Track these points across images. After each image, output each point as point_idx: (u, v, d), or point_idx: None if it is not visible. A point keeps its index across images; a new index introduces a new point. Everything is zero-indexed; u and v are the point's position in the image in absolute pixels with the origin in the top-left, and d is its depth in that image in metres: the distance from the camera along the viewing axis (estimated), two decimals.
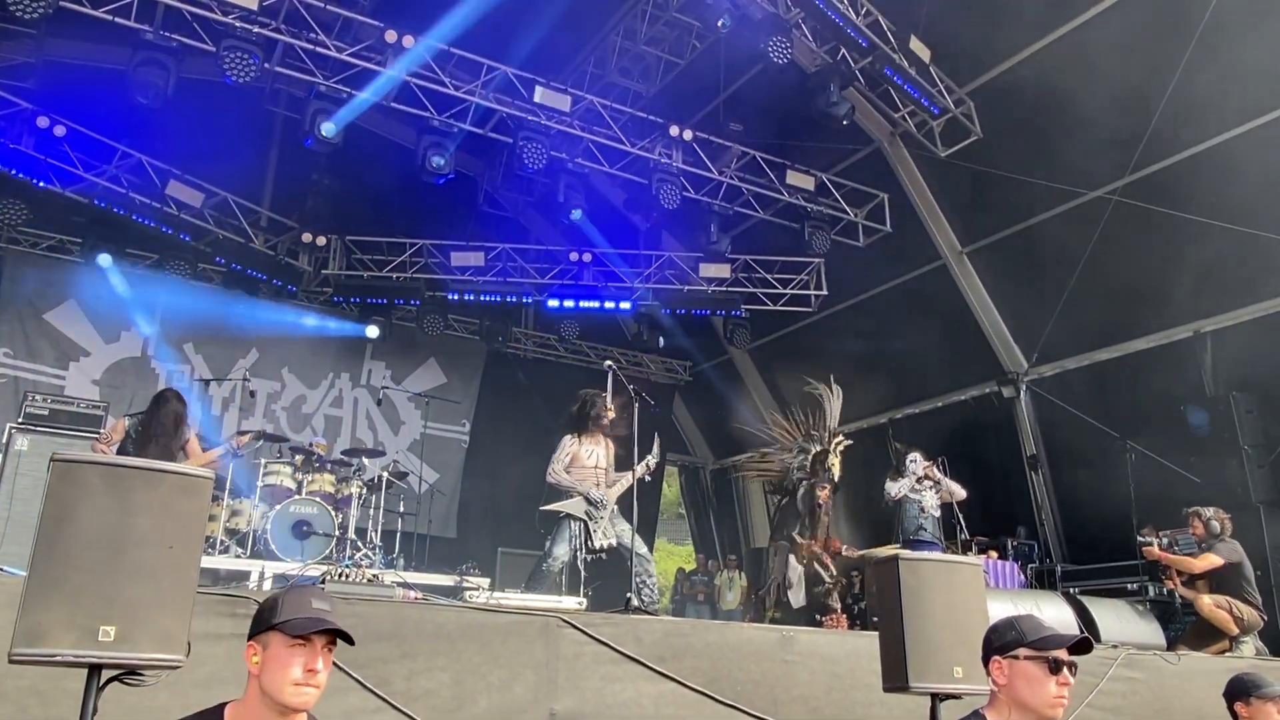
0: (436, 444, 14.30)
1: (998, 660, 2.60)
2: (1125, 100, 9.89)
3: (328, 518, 8.75)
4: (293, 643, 2.28)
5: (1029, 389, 12.28)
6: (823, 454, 8.30)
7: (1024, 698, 2.52)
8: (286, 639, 2.28)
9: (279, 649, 2.28)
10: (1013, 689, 2.55)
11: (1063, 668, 2.53)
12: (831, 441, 8.40)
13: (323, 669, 2.30)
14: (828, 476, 8.23)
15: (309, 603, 2.33)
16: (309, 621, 2.28)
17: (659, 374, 17.29)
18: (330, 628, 2.30)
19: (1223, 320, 10.15)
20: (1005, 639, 2.61)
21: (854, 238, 12.95)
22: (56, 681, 3.27)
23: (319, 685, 2.29)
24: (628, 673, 4.46)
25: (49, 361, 12.39)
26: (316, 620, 2.29)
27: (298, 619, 2.29)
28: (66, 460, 2.85)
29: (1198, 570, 7.49)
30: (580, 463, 6.85)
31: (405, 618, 4.18)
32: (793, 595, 7.98)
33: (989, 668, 2.63)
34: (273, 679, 2.27)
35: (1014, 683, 2.55)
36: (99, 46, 10.56)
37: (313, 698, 2.29)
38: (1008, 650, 2.58)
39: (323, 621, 2.29)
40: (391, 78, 9.91)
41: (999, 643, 2.62)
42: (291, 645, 2.28)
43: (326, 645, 2.32)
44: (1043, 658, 2.53)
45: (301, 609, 2.31)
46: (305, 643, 2.28)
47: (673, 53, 13.00)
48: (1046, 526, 11.90)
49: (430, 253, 13.34)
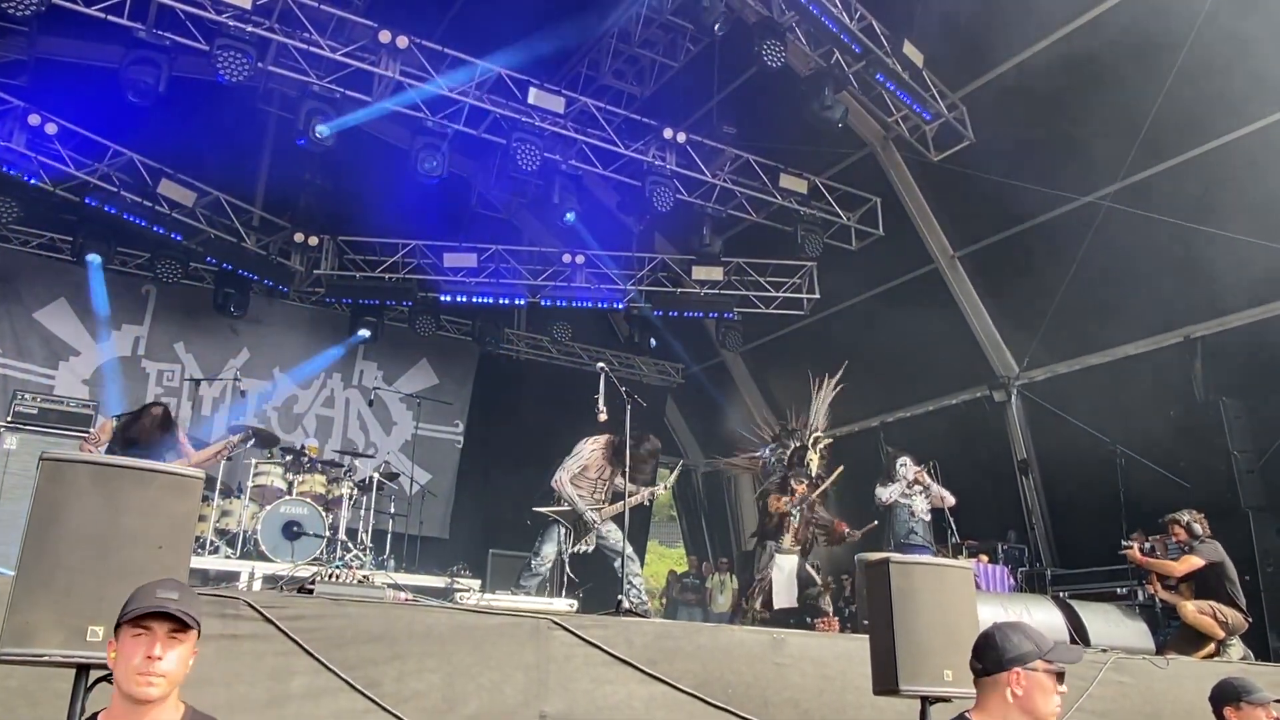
0: (429, 445, 14.27)
1: (1018, 672, 2.60)
2: (1117, 106, 9.94)
3: (318, 518, 8.73)
4: (135, 632, 2.25)
5: (1020, 393, 12.32)
6: (801, 450, 8.34)
7: (1036, 707, 2.57)
8: (129, 629, 2.26)
9: (124, 641, 2.26)
10: (1030, 699, 2.57)
11: (1063, 676, 2.61)
12: (811, 437, 8.44)
13: (164, 656, 2.24)
14: (805, 472, 8.26)
15: (154, 593, 2.30)
16: (141, 607, 2.26)
17: (651, 376, 17.29)
18: (156, 610, 2.24)
19: (1213, 326, 10.20)
20: (1023, 650, 2.62)
21: (846, 241, 12.98)
22: (45, 682, 3.26)
23: (163, 674, 2.23)
24: (618, 675, 4.46)
25: (39, 361, 12.32)
26: (150, 606, 2.25)
27: (134, 607, 2.27)
28: (56, 459, 2.85)
29: (1179, 573, 7.50)
30: (588, 474, 6.87)
31: (395, 619, 4.17)
32: (778, 597, 7.98)
33: (1007, 677, 2.61)
34: (120, 671, 2.25)
35: (1031, 693, 2.58)
36: (92, 44, 10.52)
37: (159, 687, 2.23)
38: (1026, 661, 2.60)
39: (155, 605, 2.25)
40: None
41: (1015, 654, 2.62)
42: (135, 635, 2.25)
43: (171, 633, 2.27)
44: (1054, 670, 2.59)
45: (145, 599, 2.28)
46: (145, 631, 2.25)
47: (667, 55, 13.01)
48: (1037, 530, 11.93)
49: (423, 253, 13.32)
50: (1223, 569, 7.48)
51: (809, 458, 8.32)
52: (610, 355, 16.12)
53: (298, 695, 3.77)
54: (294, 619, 3.89)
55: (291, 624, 3.86)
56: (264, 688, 3.74)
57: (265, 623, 3.81)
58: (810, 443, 8.40)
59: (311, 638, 3.87)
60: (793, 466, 8.26)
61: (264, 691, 3.73)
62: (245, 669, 3.73)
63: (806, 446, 8.35)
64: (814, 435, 8.49)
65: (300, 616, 3.93)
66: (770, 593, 8.02)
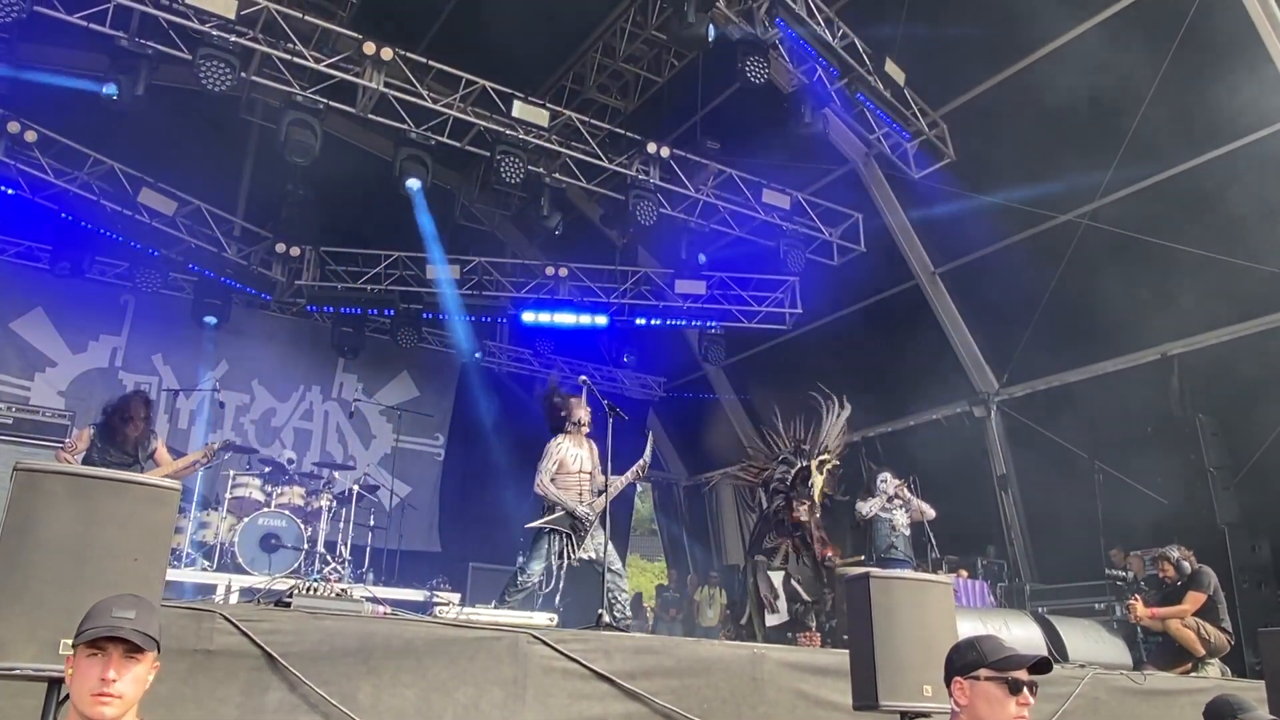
0: (408, 458, 14.20)
1: (959, 681, 2.62)
2: (1096, 126, 10.06)
3: (297, 531, 8.66)
4: (90, 652, 2.21)
5: (999, 409, 12.40)
6: (805, 470, 8.30)
7: (985, 718, 2.54)
8: (85, 649, 2.22)
9: (80, 660, 2.22)
10: (974, 709, 2.57)
11: (1023, 688, 2.54)
12: (818, 459, 8.40)
13: (118, 678, 2.20)
14: (807, 493, 8.22)
15: (110, 611, 2.26)
16: (95, 629, 2.21)
17: (633, 389, 17.28)
18: (108, 634, 2.19)
19: (1190, 343, 10.30)
20: (966, 659, 2.63)
21: (828, 257, 13.05)
22: (14, 698, 3.20)
23: (119, 694, 2.19)
24: (596, 690, 4.43)
25: (14, 371, 12.17)
26: (104, 627, 2.21)
27: (88, 628, 2.22)
28: (30, 469, 2.82)
29: (1190, 614, 7.47)
30: (566, 469, 6.76)
31: (373, 633, 4.13)
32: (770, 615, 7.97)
33: (950, 688, 2.65)
34: (76, 692, 2.21)
35: (975, 703, 2.57)
36: (73, 52, 10.46)
37: (114, 707, 2.19)
38: (969, 671, 2.60)
39: (109, 628, 2.20)
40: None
41: (960, 663, 2.64)
42: (89, 655, 2.21)
43: (126, 654, 2.22)
44: (1003, 678, 2.54)
45: (100, 618, 2.24)
46: (100, 651, 2.21)
47: (651, 70, 13.07)
48: (1016, 546, 11.98)
49: (405, 265, 13.29)
50: (1217, 594, 7.55)
51: (813, 479, 8.27)
52: (592, 368, 16.12)
53: (271, 710, 3.73)
54: (270, 633, 3.85)
55: (267, 638, 3.81)
56: (237, 704, 3.69)
57: (241, 636, 3.77)
58: (816, 465, 8.34)
59: (287, 652, 3.83)
60: (795, 487, 8.23)
61: (236, 708, 3.68)
62: (218, 684, 3.68)
63: (811, 468, 8.29)
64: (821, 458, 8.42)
65: (276, 630, 3.88)
66: (763, 609, 8.00)
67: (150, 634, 2.26)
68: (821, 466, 8.35)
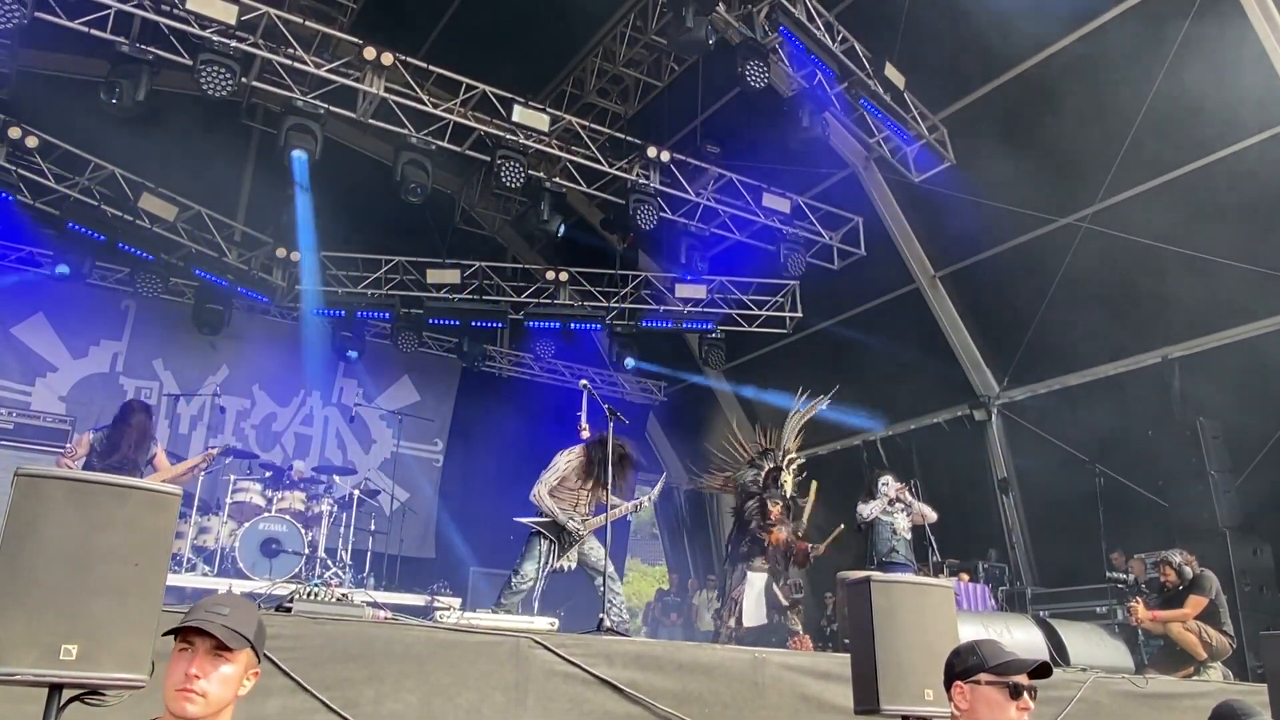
0: (408, 463, 14.20)
1: (960, 685, 2.62)
2: (1095, 129, 10.07)
3: (297, 535, 8.66)
4: (180, 647, 2.19)
5: (1000, 412, 12.38)
6: (776, 470, 8.31)
7: None
8: (177, 643, 2.20)
9: (172, 655, 2.21)
10: (974, 714, 2.57)
11: (1023, 693, 2.55)
12: (785, 458, 8.42)
13: (202, 675, 2.16)
14: (780, 492, 8.24)
15: (205, 607, 2.24)
16: (184, 622, 2.19)
17: (634, 393, 17.27)
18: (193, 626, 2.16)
19: (1191, 346, 10.30)
20: (966, 664, 2.63)
21: (829, 260, 13.05)
22: (16, 704, 3.20)
23: (202, 693, 2.16)
24: (597, 694, 4.43)
25: (15, 377, 12.16)
26: (192, 620, 2.18)
27: (184, 621, 2.21)
28: (31, 475, 2.81)
29: (1192, 618, 7.45)
30: (568, 485, 6.77)
31: (374, 638, 4.13)
32: (747, 615, 7.96)
33: (951, 692, 2.64)
34: (165, 686, 2.19)
35: (975, 707, 2.57)
36: (74, 57, 10.49)
37: (198, 705, 2.16)
38: (969, 675, 2.60)
39: (199, 620, 2.17)
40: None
41: (960, 667, 2.64)
42: (179, 650, 2.19)
43: (214, 651, 2.19)
44: (1003, 683, 2.55)
45: (194, 613, 2.22)
46: (188, 646, 2.19)
47: (651, 75, 13.09)
48: (1017, 549, 11.97)
49: (406, 269, 13.30)
50: (1219, 598, 7.53)
51: (783, 479, 8.28)
52: (593, 372, 16.11)
53: (273, 716, 3.73)
54: (271, 638, 3.83)
55: (268, 643, 3.80)
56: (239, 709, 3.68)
57: None
58: (784, 464, 8.36)
59: (289, 657, 3.82)
60: (768, 488, 8.23)
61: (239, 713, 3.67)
62: None
63: (780, 468, 8.30)
64: (787, 457, 8.43)
65: (277, 635, 3.88)
66: (741, 611, 7.99)
67: (241, 633, 2.21)
68: (789, 465, 8.36)
